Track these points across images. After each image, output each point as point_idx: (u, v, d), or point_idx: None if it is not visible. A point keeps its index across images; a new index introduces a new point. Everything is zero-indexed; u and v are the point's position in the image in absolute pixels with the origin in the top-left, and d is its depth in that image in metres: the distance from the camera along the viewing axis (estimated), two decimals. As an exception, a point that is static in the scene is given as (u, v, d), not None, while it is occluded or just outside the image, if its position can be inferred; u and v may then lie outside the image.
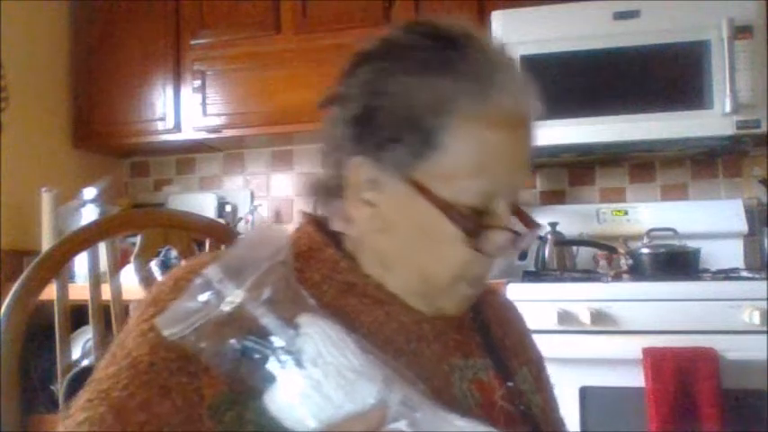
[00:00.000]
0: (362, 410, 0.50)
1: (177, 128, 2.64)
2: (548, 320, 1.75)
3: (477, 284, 0.68)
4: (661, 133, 2.09)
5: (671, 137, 2.11)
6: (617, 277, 2.04)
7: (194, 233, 1.05)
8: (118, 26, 2.70)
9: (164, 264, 1.90)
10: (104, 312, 0.96)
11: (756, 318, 1.70)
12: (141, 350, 0.60)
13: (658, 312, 1.78)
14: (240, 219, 2.83)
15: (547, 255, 2.33)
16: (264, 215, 2.89)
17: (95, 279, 0.95)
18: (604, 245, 2.23)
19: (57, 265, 0.89)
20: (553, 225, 2.34)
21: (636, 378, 1.70)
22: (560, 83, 2.10)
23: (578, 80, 2.14)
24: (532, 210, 2.47)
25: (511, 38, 2.04)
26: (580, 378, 1.72)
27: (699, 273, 2.07)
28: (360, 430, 0.49)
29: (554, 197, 2.60)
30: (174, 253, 1.04)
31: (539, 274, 2.25)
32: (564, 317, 1.78)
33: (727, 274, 2.04)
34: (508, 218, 0.64)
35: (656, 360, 1.69)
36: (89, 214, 2.39)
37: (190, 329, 0.52)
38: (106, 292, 0.96)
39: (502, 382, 0.70)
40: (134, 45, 2.68)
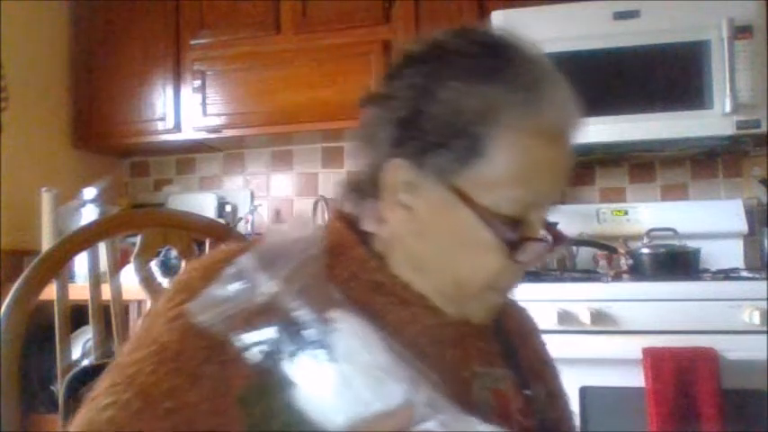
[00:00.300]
0: (389, 410, 0.50)
1: (177, 128, 2.64)
2: (548, 320, 1.75)
3: (503, 293, 0.69)
4: (661, 133, 2.08)
5: (671, 137, 2.11)
6: (617, 277, 2.04)
7: (194, 233, 1.05)
8: (118, 26, 2.70)
9: (164, 264, 1.89)
10: (104, 312, 0.96)
11: (756, 318, 1.70)
12: (170, 336, 0.60)
13: (658, 312, 1.78)
14: (240, 219, 2.83)
15: (547, 255, 2.33)
16: (264, 215, 2.90)
17: (95, 279, 0.95)
18: (604, 245, 2.23)
19: (57, 265, 0.89)
20: (553, 225, 2.34)
21: (636, 378, 1.70)
22: (560, 83, 2.10)
23: (578, 80, 2.12)
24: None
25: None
26: (580, 378, 1.72)
27: (699, 273, 2.06)
28: (390, 428, 0.49)
29: (554, 197, 2.60)
30: (174, 253, 1.04)
31: (539, 274, 2.24)
32: (564, 317, 1.78)
33: (727, 274, 2.04)
34: (542, 232, 0.66)
35: (656, 360, 1.69)
36: (89, 214, 2.39)
37: (222, 317, 0.52)
38: (106, 292, 0.96)
39: (519, 394, 0.70)
40: (134, 45, 2.68)
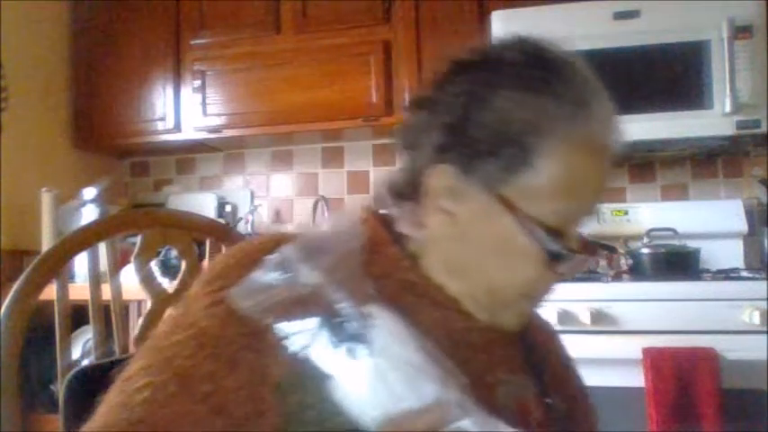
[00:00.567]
0: (423, 407, 0.50)
1: (177, 128, 2.64)
2: (543, 316, 1.75)
3: (536, 303, 0.70)
4: (661, 133, 2.09)
5: (671, 137, 2.11)
6: (617, 277, 2.04)
7: (194, 233, 1.05)
8: (118, 26, 2.70)
9: (164, 264, 1.90)
10: (104, 312, 0.96)
11: (756, 318, 1.70)
12: (209, 321, 0.60)
13: (658, 312, 1.78)
14: (240, 219, 2.83)
15: (547, 255, 2.33)
16: (264, 215, 2.90)
17: (95, 279, 0.95)
18: (604, 245, 2.23)
19: (57, 265, 0.89)
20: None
21: (636, 378, 1.70)
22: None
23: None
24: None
25: (511, 38, 2.04)
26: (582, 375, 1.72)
27: (699, 273, 2.06)
28: (422, 426, 0.50)
29: (554, 197, 2.60)
30: (174, 253, 1.03)
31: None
32: (564, 317, 1.78)
33: (727, 274, 2.04)
34: (580, 245, 0.66)
35: (656, 360, 1.69)
36: (89, 214, 2.39)
37: (263, 305, 0.53)
38: (106, 292, 0.96)
39: (540, 404, 0.70)
40: (134, 45, 2.68)
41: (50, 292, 0.89)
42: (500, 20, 2.17)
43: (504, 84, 0.63)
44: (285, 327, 0.54)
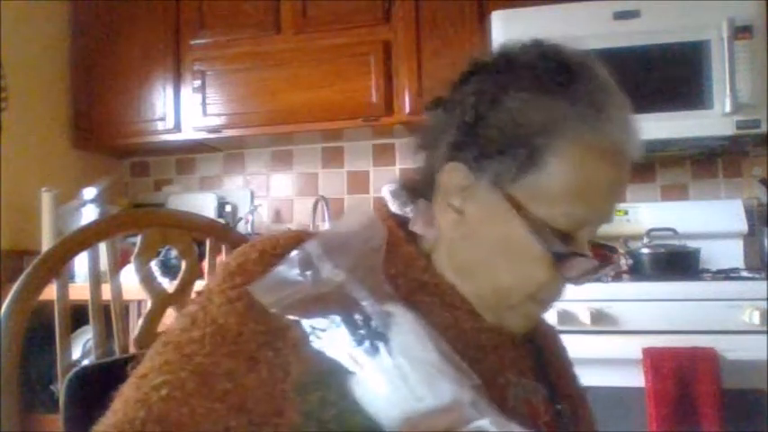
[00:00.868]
0: (441, 406, 0.50)
1: (177, 128, 2.65)
2: (548, 320, 1.75)
3: (543, 306, 0.69)
4: (661, 133, 2.08)
5: (671, 137, 2.11)
6: (617, 277, 2.04)
7: (194, 233, 1.04)
8: (118, 26, 2.70)
9: (164, 264, 1.90)
10: (104, 312, 0.96)
11: (756, 318, 1.70)
12: (229, 318, 0.59)
13: (658, 312, 1.79)
14: (240, 219, 2.83)
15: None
16: (264, 215, 2.90)
17: (95, 279, 0.95)
18: (604, 245, 2.23)
19: (57, 265, 0.89)
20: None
21: (636, 378, 1.70)
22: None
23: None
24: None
25: (511, 38, 2.04)
26: (580, 378, 1.72)
27: (699, 273, 2.07)
28: (441, 426, 0.50)
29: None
30: (174, 253, 1.03)
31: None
32: (564, 317, 1.78)
33: (727, 274, 2.04)
34: (589, 250, 0.66)
35: (656, 360, 1.69)
36: (89, 214, 2.39)
37: (286, 300, 0.53)
38: (106, 292, 0.96)
39: (549, 408, 0.70)
40: (134, 45, 2.68)
41: (50, 292, 0.89)
42: (500, 20, 2.17)
43: (518, 85, 0.64)
44: (307, 323, 0.54)
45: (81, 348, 2.09)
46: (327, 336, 0.53)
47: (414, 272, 0.67)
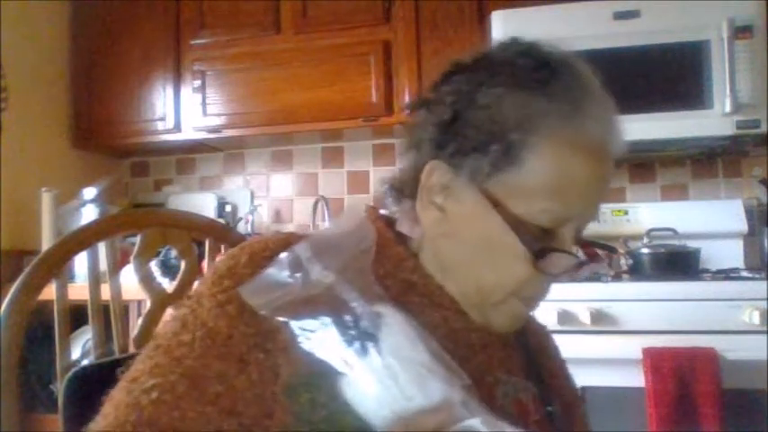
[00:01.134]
0: (431, 406, 0.50)
1: (177, 128, 2.64)
2: (548, 320, 1.73)
3: (529, 304, 0.68)
4: (661, 133, 2.08)
5: (671, 137, 2.11)
6: (617, 277, 2.04)
7: (194, 233, 1.04)
8: (118, 26, 2.70)
9: (164, 264, 1.90)
10: (104, 312, 0.96)
11: (756, 318, 1.70)
12: (219, 322, 0.59)
13: (658, 312, 1.78)
14: (240, 219, 2.83)
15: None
16: (264, 215, 2.90)
17: (95, 279, 0.95)
18: (604, 245, 2.23)
19: (57, 265, 0.89)
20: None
21: (636, 378, 1.70)
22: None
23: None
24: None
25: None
26: (580, 378, 1.70)
27: (699, 273, 2.06)
28: (431, 425, 0.50)
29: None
30: (174, 253, 1.03)
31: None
32: (564, 317, 1.78)
33: (727, 274, 2.04)
34: (572, 244, 0.65)
35: (656, 360, 1.69)
36: (89, 214, 2.39)
37: (275, 303, 0.53)
38: (106, 292, 0.96)
39: (540, 407, 0.70)
40: (134, 45, 2.68)
41: (50, 292, 0.89)
42: (500, 20, 2.17)
43: (494, 82, 0.64)
44: (297, 325, 0.54)
45: (81, 348, 2.09)
46: (317, 337, 0.53)
47: (403, 272, 0.67)
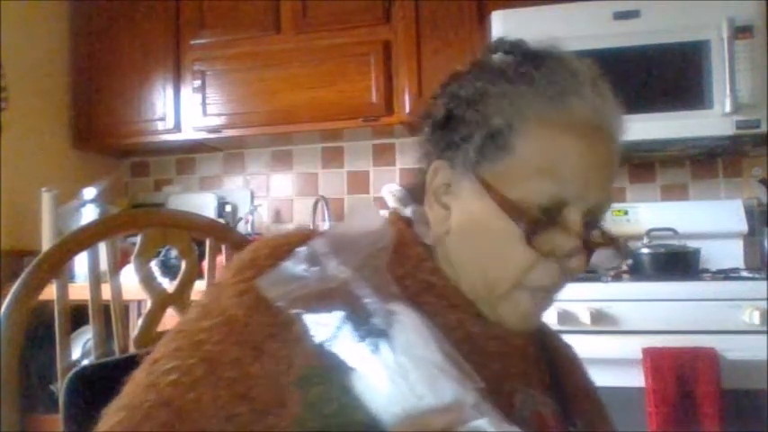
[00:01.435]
0: (441, 406, 0.50)
1: (177, 128, 2.65)
2: (548, 320, 1.75)
3: (539, 298, 0.66)
4: (661, 133, 2.08)
5: (671, 137, 2.11)
6: (617, 277, 2.04)
7: (194, 233, 1.04)
8: (118, 26, 2.70)
9: (164, 264, 1.90)
10: (104, 312, 0.96)
11: (756, 318, 1.70)
12: (237, 310, 0.61)
13: (658, 312, 1.78)
14: (240, 219, 2.83)
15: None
16: (264, 215, 2.90)
17: (95, 279, 0.95)
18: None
19: (57, 265, 0.89)
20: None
21: (636, 378, 1.70)
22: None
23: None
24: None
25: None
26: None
27: (699, 273, 2.06)
28: (440, 425, 0.50)
29: (554, 197, 2.60)
30: (174, 253, 1.03)
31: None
32: (564, 317, 1.78)
33: (727, 274, 2.04)
34: (579, 228, 0.63)
35: (656, 360, 1.69)
36: (89, 214, 2.39)
37: (291, 295, 0.54)
38: (106, 292, 0.96)
39: (561, 425, 0.69)
40: (134, 45, 2.68)
41: (50, 292, 0.89)
42: (500, 20, 2.17)
43: (481, 78, 0.66)
44: (311, 318, 0.54)
45: (81, 348, 2.09)
46: (330, 331, 0.54)
47: (422, 273, 0.68)
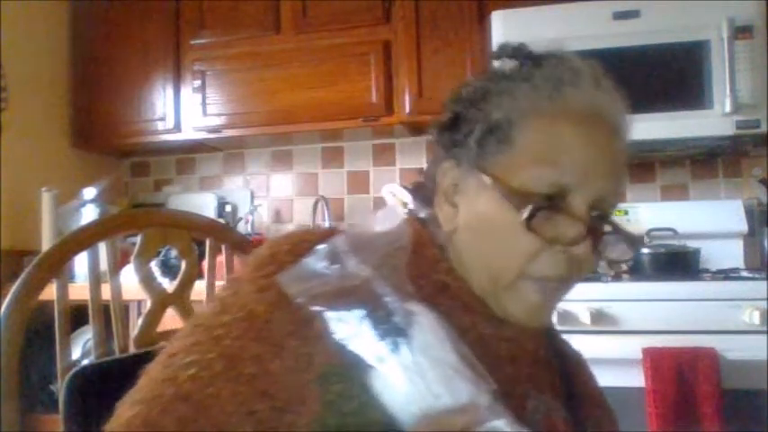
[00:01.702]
0: (457, 406, 0.51)
1: (177, 128, 2.65)
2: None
3: (547, 290, 0.66)
4: (661, 133, 2.08)
5: (671, 137, 2.11)
6: (617, 277, 2.04)
7: (194, 233, 1.04)
8: (118, 26, 2.70)
9: (164, 264, 1.90)
10: (104, 312, 0.96)
11: (756, 318, 1.70)
12: (258, 305, 0.61)
13: (658, 312, 1.78)
14: (240, 219, 2.83)
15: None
16: (264, 215, 2.90)
17: (95, 279, 0.95)
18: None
19: (57, 265, 0.89)
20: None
21: (636, 378, 1.70)
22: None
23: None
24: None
25: (511, 38, 2.04)
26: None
27: (699, 273, 2.06)
28: (458, 425, 0.50)
29: (554, 197, 2.60)
30: (174, 253, 1.03)
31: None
32: (564, 317, 1.78)
33: (727, 274, 2.04)
34: (584, 216, 0.63)
35: (656, 360, 1.69)
36: (89, 214, 2.39)
37: (311, 292, 0.54)
38: (106, 292, 0.96)
39: (570, 430, 0.69)
40: (134, 45, 2.68)
41: (50, 292, 0.89)
42: (500, 20, 2.17)
43: (483, 79, 0.69)
44: (332, 316, 0.55)
45: (81, 348, 2.09)
46: (350, 328, 0.54)
47: (438, 274, 0.68)
